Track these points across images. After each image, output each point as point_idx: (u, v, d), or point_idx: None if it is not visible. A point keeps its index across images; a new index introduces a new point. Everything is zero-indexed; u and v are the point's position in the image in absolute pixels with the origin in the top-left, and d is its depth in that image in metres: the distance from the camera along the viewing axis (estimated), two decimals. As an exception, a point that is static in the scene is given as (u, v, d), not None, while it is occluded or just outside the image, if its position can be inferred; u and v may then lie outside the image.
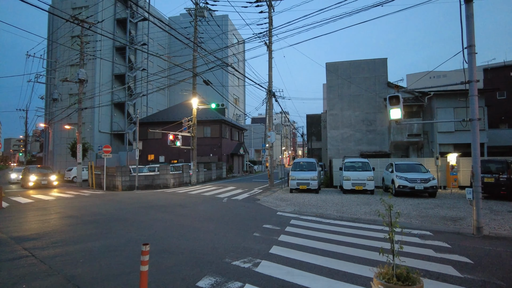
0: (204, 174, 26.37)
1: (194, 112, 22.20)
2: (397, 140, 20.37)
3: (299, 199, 13.75)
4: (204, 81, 21.81)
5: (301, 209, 11.09)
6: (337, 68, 22.33)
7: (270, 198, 14.01)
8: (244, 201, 13.02)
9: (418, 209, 10.91)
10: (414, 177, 14.00)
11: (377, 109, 21.58)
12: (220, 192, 16.20)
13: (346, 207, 11.32)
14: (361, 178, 15.37)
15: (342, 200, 13.32)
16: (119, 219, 9.03)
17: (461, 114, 19.86)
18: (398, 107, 8.32)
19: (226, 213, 10.17)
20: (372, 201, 12.81)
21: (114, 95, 41.02)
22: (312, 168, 16.60)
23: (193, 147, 22.15)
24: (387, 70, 21.69)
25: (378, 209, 10.58)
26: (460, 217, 9.42)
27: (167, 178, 21.10)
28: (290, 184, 16.08)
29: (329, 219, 9.15)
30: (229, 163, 34.74)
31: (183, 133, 21.80)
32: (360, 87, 21.82)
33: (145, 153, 35.16)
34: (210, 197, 14.40)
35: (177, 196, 14.98)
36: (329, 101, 22.41)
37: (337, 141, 22.11)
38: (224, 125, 33.53)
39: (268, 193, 16.07)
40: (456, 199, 13.54)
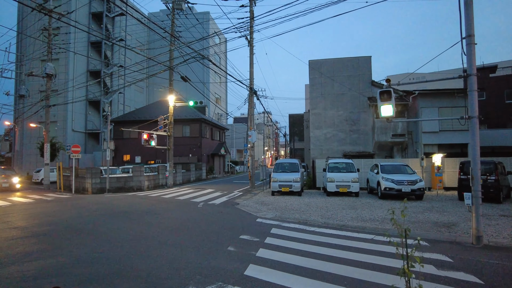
0: (182, 176, 25.14)
1: (170, 110, 20.97)
2: (381, 140, 19.85)
3: (281, 202, 12.86)
4: (182, 77, 20.63)
5: (283, 214, 10.18)
6: (320, 66, 21.64)
7: (250, 202, 13.05)
8: (221, 206, 12.00)
9: (408, 213, 10.18)
10: (401, 179, 13.37)
11: (361, 108, 21.02)
12: (197, 196, 15.11)
13: (331, 212, 10.50)
14: (346, 180, 14.65)
15: (326, 203, 12.52)
16: (74, 230, 7.84)
17: (446, 114, 19.54)
18: (389, 103, 7.54)
19: (199, 221, 9.13)
20: (358, 205, 12.07)
21: (89, 93, 39.10)
22: (295, 170, 15.77)
23: (170, 147, 20.92)
24: (371, 69, 21.17)
25: (386, 216, 9.81)
26: (453, 223, 8.75)
27: (141, 180, 19.79)
28: (272, 186, 15.18)
29: (313, 227, 8.27)
30: (209, 164, 33.57)
31: (158, 132, 20.54)
32: (343, 86, 21.19)
33: (121, 153, 33.55)
34: (185, 201, 13.30)
35: (148, 200, 13.79)
36: (312, 100, 21.68)
37: (320, 141, 21.41)
38: (204, 124, 32.34)
39: (248, 196, 15.10)
40: (444, 201, 12.99)
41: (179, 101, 21.72)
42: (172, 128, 21.14)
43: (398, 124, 19.76)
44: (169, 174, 20.79)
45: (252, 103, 19.68)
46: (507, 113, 29.02)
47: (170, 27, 21.55)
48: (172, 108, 21.02)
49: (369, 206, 11.84)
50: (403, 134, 19.71)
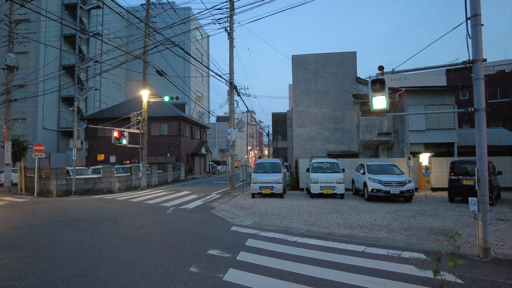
0: (158, 176, 23.69)
1: (144, 106, 19.53)
2: (367, 139, 19.06)
3: (261, 206, 11.76)
4: (157, 71, 19.24)
5: (263, 220, 9.08)
6: (304, 61, 20.68)
7: (227, 206, 11.88)
8: (194, 211, 10.78)
9: (398, 218, 9.29)
10: (389, 180, 12.51)
11: (345, 106, 20.18)
12: (169, 199, 13.82)
13: (315, 217, 9.46)
14: (330, 181, 13.70)
15: (310, 206, 11.49)
16: (7, 244, 6.48)
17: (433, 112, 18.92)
18: (383, 94, 6.54)
19: (165, 230, 7.90)
20: (344, 208, 11.09)
21: (63, 89, 36.96)
22: (276, 170, 14.71)
23: (143, 146, 19.48)
24: (356, 65, 20.37)
25: (353, 220, 8.82)
26: (449, 229, 7.86)
27: (111, 181, 18.28)
28: (252, 188, 14.06)
29: (296, 236, 7.19)
30: (189, 164, 32.16)
31: (131, 130, 19.07)
32: (328, 82, 20.30)
33: (94, 152, 31.71)
34: (154, 206, 11.99)
35: (114, 204, 12.41)
36: (295, 96, 20.70)
37: (303, 140, 20.46)
38: (184, 122, 30.90)
39: (226, 199, 13.93)
40: (434, 203, 12.20)
41: (154, 97, 20.30)
42: (146, 125, 19.71)
43: (383, 122, 19.03)
44: (142, 175, 19.36)
45: (233, 99, 18.51)
46: (489, 112, 29.02)
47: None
48: (146, 104, 19.58)
49: (356, 209, 10.89)
50: (389, 132, 18.98)
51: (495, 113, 28.62)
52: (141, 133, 19.47)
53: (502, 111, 28.22)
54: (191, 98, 35.07)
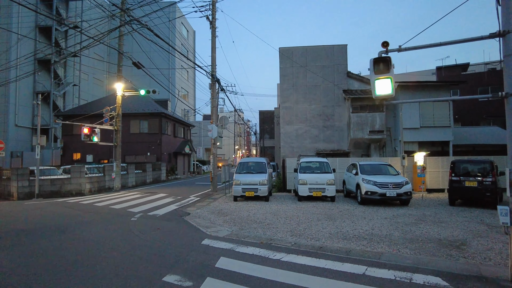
0: (135, 177, 22.06)
1: (118, 100, 17.92)
2: (358, 137, 17.93)
3: (243, 211, 10.40)
4: (133, 63, 17.68)
5: (242, 229, 7.72)
6: (292, 54, 19.41)
7: (204, 211, 10.47)
8: (164, 218, 9.34)
9: (398, 226, 8.07)
10: (385, 181, 11.31)
11: (335, 102, 19.00)
12: (140, 203, 12.32)
13: (303, 225, 8.16)
14: (320, 182, 12.44)
15: (298, 212, 10.19)
16: None
17: (427, 109, 17.92)
18: (388, 77, 5.25)
19: (120, 245, 6.46)
20: (335, 214, 9.83)
21: (38, 84, 34.83)
22: (261, 170, 13.37)
23: (117, 144, 17.86)
24: (347, 58, 19.22)
25: (348, 230, 7.53)
26: (461, 241, 6.67)
27: (81, 182, 16.63)
28: (234, 190, 12.69)
29: (280, 252, 5.86)
30: (171, 163, 30.52)
31: (103, 126, 17.44)
32: (317, 76, 19.09)
33: (70, 151, 29.76)
34: (120, 211, 10.48)
35: (74, 210, 10.84)
36: (283, 92, 19.41)
37: (291, 138, 19.19)
38: (165, 119, 29.26)
39: (205, 203, 12.51)
40: (434, 207, 11.07)
41: (129, 90, 18.71)
42: (120, 121, 18.09)
43: (375, 119, 17.93)
44: (115, 175, 17.74)
45: (215, 93, 17.09)
46: (480, 111, 28.38)
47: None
48: (120, 98, 17.97)
49: (350, 215, 9.64)
50: (381, 130, 17.89)
51: (486, 111, 28.00)
52: (115, 129, 17.85)
53: (493, 109, 27.58)
54: (173, 95, 33.39)
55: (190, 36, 57.20)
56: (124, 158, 27.98)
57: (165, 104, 32.63)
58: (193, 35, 59.28)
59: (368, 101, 18.15)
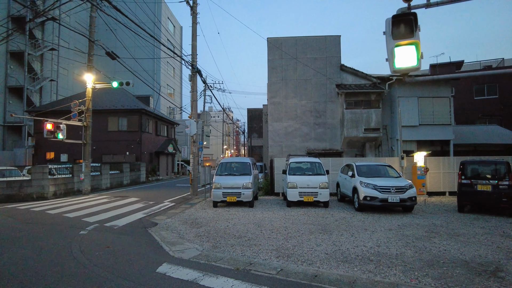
0: (110, 178, 20.19)
1: (88, 93, 16.07)
2: (352, 135, 16.50)
3: (222, 220, 8.78)
4: (107, 52, 15.90)
5: (216, 248, 6.12)
6: (281, 45, 17.87)
7: (175, 221, 8.81)
8: (122, 231, 7.64)
9: (409, 241, 6.58)
10: (386, 185, 9.84)
11: (327, 97, 17.54)
12: (103, 210, 10.56)
13: (293, 241, 6.60)
14: (312, 186, 10.91)
15: (286, 221, 8.63)
16: None
17: (426, 105, 16.63)
18: (412, 41, 3.71)
19: (42, 275, 4.76)
20: (331, 224, 8.30)
21: (11, 78, 32.53)
22: (245, 172, 11.75)
23: (86, 141, 16.00)
24: (340, 51, 17.79)
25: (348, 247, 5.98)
26: (492, 263, 5.22)
27: (43, 185, 14.73)
28: (214, 195, 11.04)
29: (261, 286, 4.28)
30: (152, 164, 28.65)
31: (71, 122, 15.59)
32: (308, 69, 17.59)
33: (43, 150, 27.59)
34: (71, 221, 8.72)
35: (15, 219, 9.00)
36: (271, 86, 17.85)
37: (280, 136, 17.64)
38: (146, 116, 27.37)
39: (179, 209, 10.84)
40: (442, 214, 9.64)
41: (100, 82, 16.86)
42: (91, 116, 16.23)
43: (371, 116, 16.53)
44: (84, 176, 15.88)
45: (195, 85, 15.41)
46: (476, 110, 27.38)
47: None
48: (91, 91, 16.11)
49: (347, 225, 8.12)
50: (377, 128, 16.49)
51: (482, 110, 27.00)
52: (84, 126, 15.99)
53: (489, 108, 26.60)
54: (155, 90, 31.44)
55: (177, 32, 55.19)
56: (101, 158, 26.05)
57: (147, 101, 30.75)
58: (180, 31, 57.29)
59: (363, 96, 16.75)
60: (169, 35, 50.45)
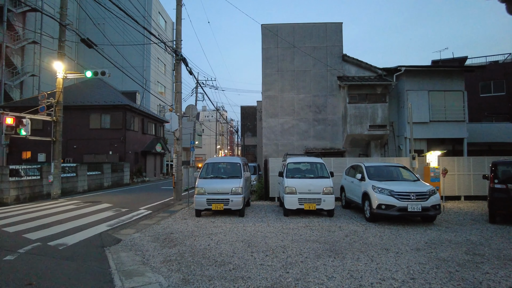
0: (88, 180, 18.27)
1: (58, 84, 14.15)
2: (355, 132, 14.81)
3: (203, 236, 6.98)
4: (82, 39, 14.05)
5: (186, 285, 4.32)
6: (277, 33, 16.11)
7: (145, 237, 6.98)
8: (68, 253, 5.80)
9: (450, 269, 4.84)
10: (405, 190, 8.12)
11: (328, 91, 15.82)
12: (58, 221, 8.70)
13: (295, 270, 4.83)
14: (314, 191, 9.16)
15: (284, 238, 6.85)
16: None
17: (438, 99, 14.99)
18: None
19: None
20: (340, 241, 6.54)
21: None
22: (235, 174, 9.94)
23: (56, 138, 14.08)
24: (342, 39, 16.09)
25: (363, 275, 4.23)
26: None
27: (3, 188, 12.79)
28: (196, 202, 9.21)
29: None
30: (138, 164, 26.71)
31: (37, 116, 13.68)
32: (307, 58, 15.87)
33: (19, 149, 25.47)
34: (7, 238, 6.85)
35: None
36: (266, 78, 16.08)
37: (275, 133, 15.88)
38: (131, 113, 25.42)
39: (154, 220, 9.01)
40: (470, 225, 7.93)
41: (73, 72, 14.95)
42: (61, 110, 14.32)
43: (377, 111, 14.86)
44: (53, 178, 13.96)
45: (179, 75, 13.59)
46: (481, 108, 25.91)
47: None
48: (62, 81, 14.20)
49: (363, 243, 6.38)
50: (383, 125, 14.82)
51: (488, 108, 25.50)
52: (54, 121, 14.07)
53: (496, 106, 25.11)
54: (142, 86, 29.50)
55: (168, 27, 53.18)
56: (82, 158, 24.09)
57: (133, 97, 28.77)
58: (172, 26, 55.21)
59: (368, 89, 15.07)
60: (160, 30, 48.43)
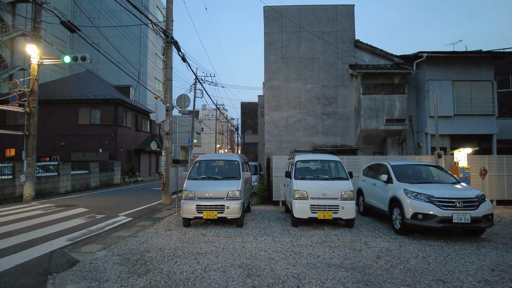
0: (72, 180, 16.55)
1: (33, 70, 12.44)
2: (370, 127, 13.07)
3: (187, 258, 5.24)
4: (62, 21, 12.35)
5: None
6: (282, 16, 14.37)
7: (110, 257, 5.24)
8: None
9: None
10: (447, 196, 6.36)
11: (339, 81, 14.07)
12: (9, 232, 6.98)
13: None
14: (330, 195, 7.39)
15: (296, 261, 5.11)
16: None
17: (463, 90, 13.25)
18: None
19: None
20: (373, 265, 4.78)
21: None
22: (232, 174, 8.18)
23: (29, 133, 12.37)
24: (354, 23, 14.34)
25: None
26: None
27: (-35, 189, 11.09)
28: (184, 209, 7.44)
29: None
30: (131, 163, 24.97)
31: (8, 107, 11.97)
32: (315, 44, 14.13)
33: (2, 146, 23.77)
34: None
35: None
36: (268, 66, 14.32)
37: (279, 128, 14.12)
38: (123, 108, 23.68)
39: (132, 231, 7.27)
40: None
41: (49, 57, 13.25)
42: (36, 101, 12.60)
43: (394, 103, 13.11)
44: (26, 178, 12.26)
45: (170, 61, 11.89)
46: (498, 104, 24.12)
47: None
48: (36, 67, 12.48)
49: (403, 269, 4.62)
50: (402, 119, 13.07)
51: (506, 104, 23.69)
52: (27, 112, 12.35)
53: (515, 101, 23.29)
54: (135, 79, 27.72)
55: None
56: (70, 156, 22.39)
57: (126, 91, 27.03)
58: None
59: (385, 78, 13.33)
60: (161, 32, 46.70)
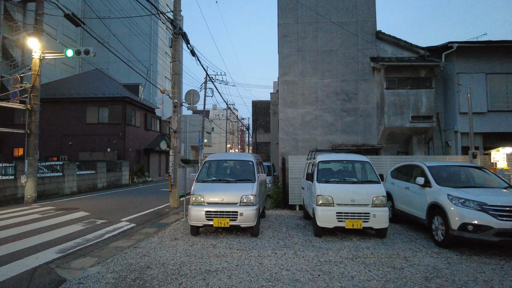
0: (78, 181, 15.93)
1: (35, 65, 11.78)
2: (395, 125, 12.02)
3: (194, 278, 4.36)
4: (66, 14, 11.69)
5: None
6: (297, 6, 13.42)
7: (103, 275, 4.40)
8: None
9: None
10: (504, 204, 5.33)
11: (359, 75, 13.04)
12: None
13: None
14: (360, 201, 6.40)
15: (325, 285, 4.17)
16: None
17: (498, 84, 12.08)
18: None
19: None
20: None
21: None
22: (246, 176, 7.27)
23: (31, 131, 11.71)
24: (375, 13, 13.30)
25: None
26: None
27: (-37, 191, 10.48)
28: (192, 215, 6.56)
29: None
30: (140, 163, 24.35)
31: (8, 104, 11.33)
32: (333, 36, 13.15)
33: (10, 146, 23.41)
34: None
35: None
36: (283, 59, 13.39)
37: (295, 126, 13.17)
38: (131, 107, 23.07)
39: (133, 240, 6.45)
40: None
41: (52, 51, 12.59)
42: (38, 98, 11.94)
43: (420, 99, 12.03)
44: (27, 179, 11.60)
45: (178, 53, 11.08)
46: None
47: None
48: (39, 62, 11.83)
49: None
50: (429, 115, 11.98)
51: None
52: (28, 109, 11.70)
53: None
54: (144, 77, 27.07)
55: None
56: (78, 155, 21.89)
57: (135, 90, 26.44)
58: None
59: (410, 71, 12.25)
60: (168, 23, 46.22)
